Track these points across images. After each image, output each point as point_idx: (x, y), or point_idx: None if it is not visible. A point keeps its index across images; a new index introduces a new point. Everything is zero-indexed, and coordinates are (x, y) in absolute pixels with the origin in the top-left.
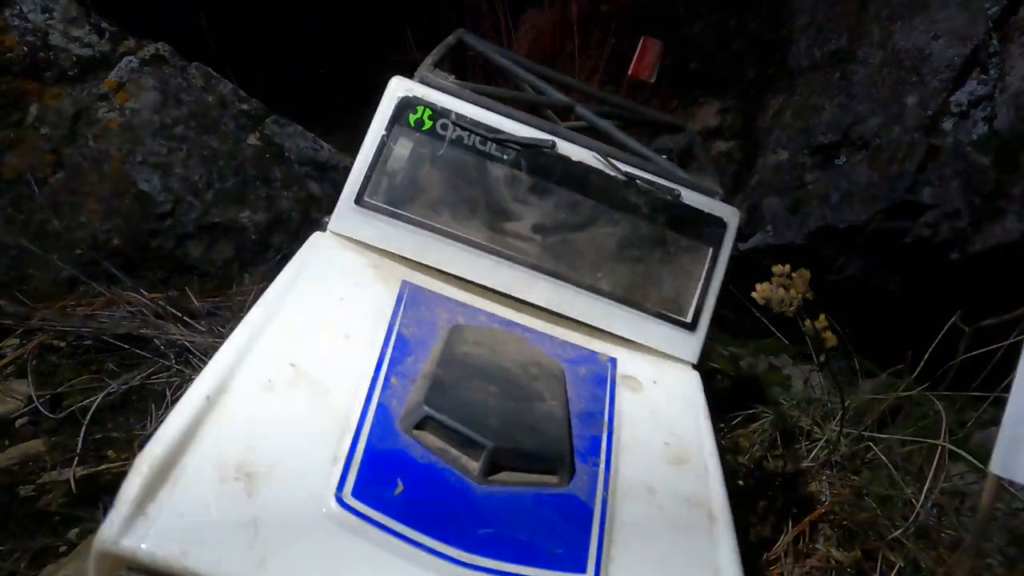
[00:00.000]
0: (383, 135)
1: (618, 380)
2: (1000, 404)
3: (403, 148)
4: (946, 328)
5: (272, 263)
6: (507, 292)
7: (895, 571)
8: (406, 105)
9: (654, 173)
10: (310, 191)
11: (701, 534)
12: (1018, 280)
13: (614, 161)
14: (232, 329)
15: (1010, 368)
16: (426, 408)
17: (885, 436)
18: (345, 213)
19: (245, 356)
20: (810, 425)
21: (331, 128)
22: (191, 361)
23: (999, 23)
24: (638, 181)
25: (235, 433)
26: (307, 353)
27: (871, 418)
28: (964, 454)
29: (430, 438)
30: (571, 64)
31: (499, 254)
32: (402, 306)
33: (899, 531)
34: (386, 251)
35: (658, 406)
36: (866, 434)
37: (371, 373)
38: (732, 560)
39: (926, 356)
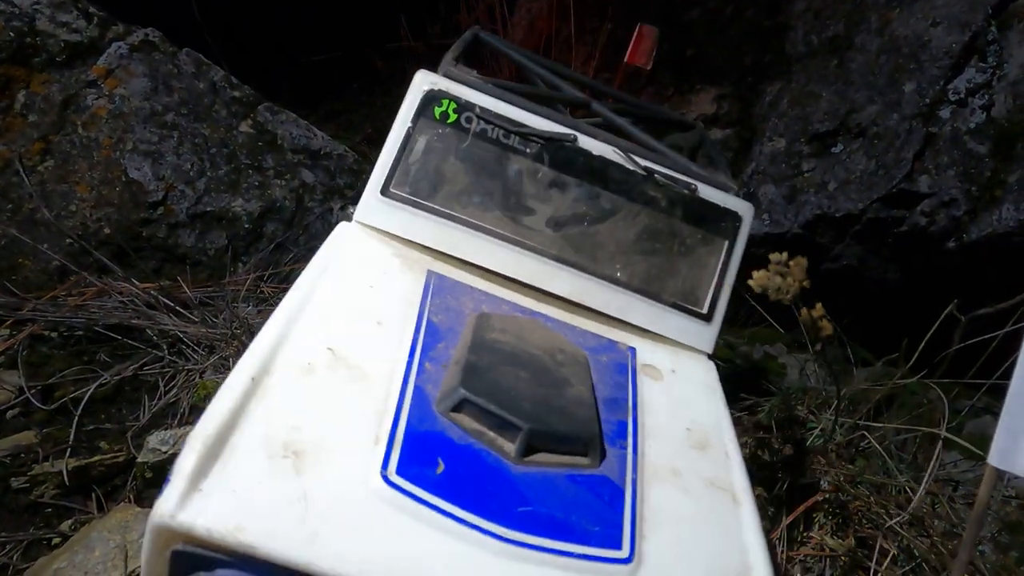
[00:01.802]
0: (409, 127)
1: (639, 368)
2: (994, 392)
3: (428, 140)
4: (942, 317)
5: (265, 252)
6: (529, 282)
7: (888, 559)
8: (432, 98)
9: (671, 168)
10: (303, 179)
11: (727, 515)
12: (1014, 269)
13: (633, 156)
14: (224, 319)
15: (1005, 357)
16: (463, 391)
17: (880, 425)
18: (371, 203)
19: (284, 340)
20: (805, 414)
21: (325, 116)
22: (184, 351)
23: (998, 10)
24: (656, 175)
25: (280, 413)
26: (343, 338)
27: (866, 407)
28: (960, 441)
29: (467, 420)
30: (567, 50)
31: (521, 245)
32: (429, 294)
33: (893, 519)
34: (410, 241)
35: (678, 394)
36: (861, 423)
37: (405, 358)
38: (757, 540)
39: (921, 345)
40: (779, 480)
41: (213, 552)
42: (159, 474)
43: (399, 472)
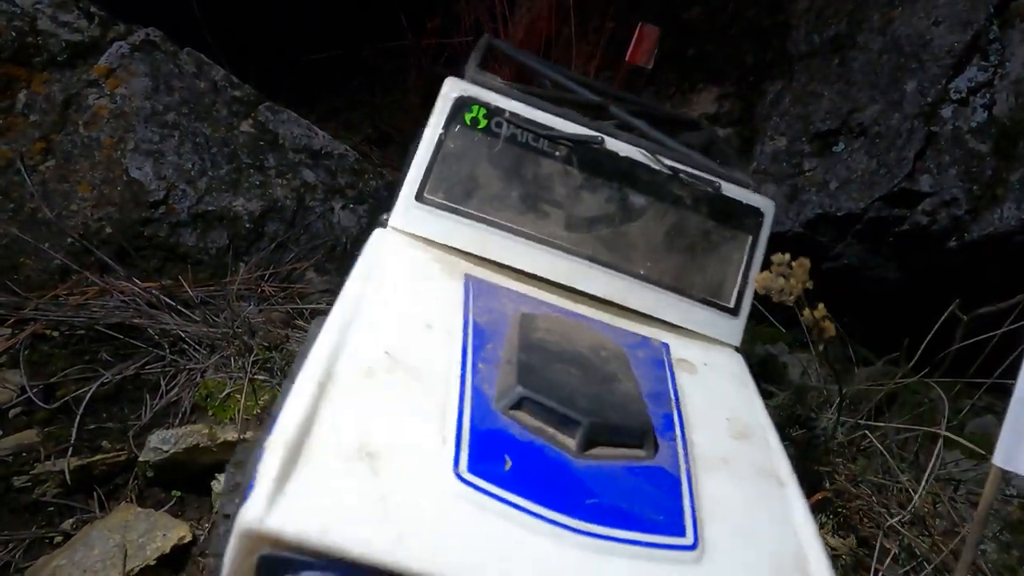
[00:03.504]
0: (441, 134)
1: (674, 363)
2: (996, 391)
3: (460, 146)
4: (943, 316)
5: (266, 252)
6: (564, 283)
7: (889, 558)
8: (462, 104)
9: (694, 167)
10: (304, 179)
11: (775, 499)
12: (1015, 268)
13: (658, 156)
14: (225, 319)
15: (1006, 356)
16: (522, 389)
17: (881, 424)
18: (406, 210)
19: (342, 347)
20: (807, 413)
21: (325, 115)
22: (185, 350)
23: (999, 9)
24: (681, 175)
25: (348, 417)
26: (397, 342)
27: (867, 406)
28: (961, 440)
29: (527, 418)
30: (568, 50)
31: (555, 246)
32: (471, 297)
33: (895, 518)
34: (446, 246)
35: (713, 386)
36: (862, 422)
37: (459, 359)
38: (806, 519)
39: (923, 344)
40: None
41: (299, 555)
42: (160, 473)
43: (471, 469)
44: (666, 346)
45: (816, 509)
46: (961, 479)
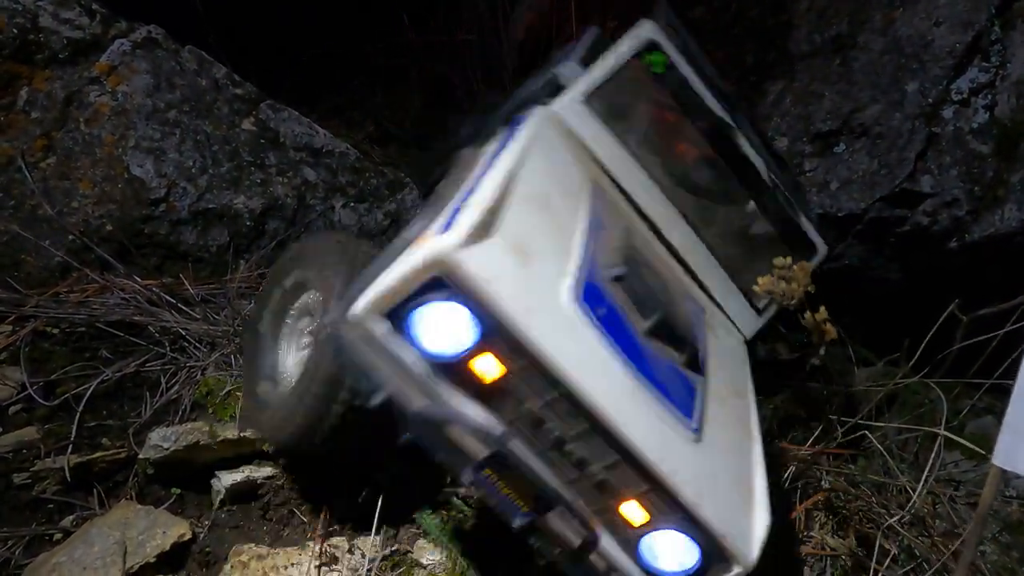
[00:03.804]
0: (625, 60)
1: (705, 323)
2: (996, 392)
3: (632, 77)
4: (943, 317)
5: (267, 250)
6: (654, 221)
7: (889, 558)
8: (651, 46)
9: (786, 189)
10: (305, 177)
11: (745, 440)
12: (1016, 269)
13: (768, 166)
14: (226, 316)
15: (1006, 357)
16: (623, 269)
17: (881, 424)
18: (571, 102)
19: (515, 178)
20: (807, 413)
21: (326, 113)
22: (185, 348)
23: (1001, 10)
24: (777, 192)
25: (514, 226)
26: (548, 192)
27: (867, 406)
28: (962, 440)
29: (619, 291)
30: None
31: (663, 191)
32: (592, 194)
33: (894, 518)
34: (585, 147)
35: (725, 353)
36: (862, 422)
37: (584, 228)
38: (760, 459)
39: (923, 345)
40: (779, 478)
41: (458, 288)
42: (160, 470)
43: (583, 299)
44: (702, 310)
45: (815, 509)
46: (961, 480)
